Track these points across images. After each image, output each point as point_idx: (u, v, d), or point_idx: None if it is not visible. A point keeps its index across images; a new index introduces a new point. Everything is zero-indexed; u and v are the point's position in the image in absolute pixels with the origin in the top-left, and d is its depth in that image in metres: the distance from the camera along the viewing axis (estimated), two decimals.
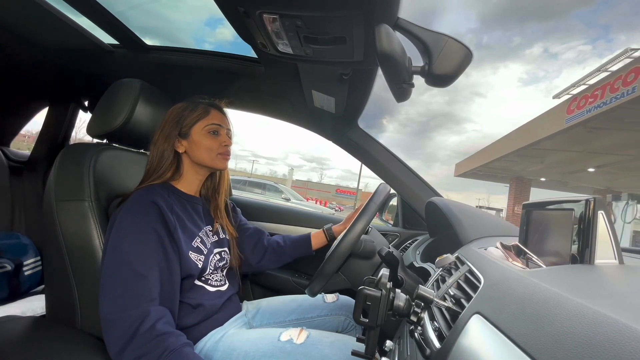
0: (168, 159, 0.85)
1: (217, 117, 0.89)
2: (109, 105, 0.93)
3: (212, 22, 59.77)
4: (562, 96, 7.17)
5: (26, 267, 1.23)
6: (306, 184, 55.07)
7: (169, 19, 1.42)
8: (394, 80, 0.57)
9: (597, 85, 5.84)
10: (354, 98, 0.99)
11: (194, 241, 0.82)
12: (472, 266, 0.55)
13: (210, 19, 51.92)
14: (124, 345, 0.64)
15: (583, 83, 6.59)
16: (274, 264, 1.10)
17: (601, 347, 0.24)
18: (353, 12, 0.54)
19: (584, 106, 5.96)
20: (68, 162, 0.85)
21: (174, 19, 1.53)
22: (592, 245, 0.41)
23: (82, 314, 0.81)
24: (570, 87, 6.95)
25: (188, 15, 1.73)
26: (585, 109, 5.90)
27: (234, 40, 0.94)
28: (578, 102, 6.23)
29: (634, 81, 4.83)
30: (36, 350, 0.72)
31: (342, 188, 55.58)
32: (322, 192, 49.64)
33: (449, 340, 0.40)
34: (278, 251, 1.09)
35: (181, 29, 1.47)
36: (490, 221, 0.94)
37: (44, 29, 1.03)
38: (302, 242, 1.11)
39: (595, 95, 5.76)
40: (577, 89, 6.70)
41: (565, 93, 7.04)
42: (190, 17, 1.76)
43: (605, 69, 6.05)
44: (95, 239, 0.80)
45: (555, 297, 0.33)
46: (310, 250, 1.11)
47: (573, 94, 6.62)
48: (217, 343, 0.78)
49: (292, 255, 1.11)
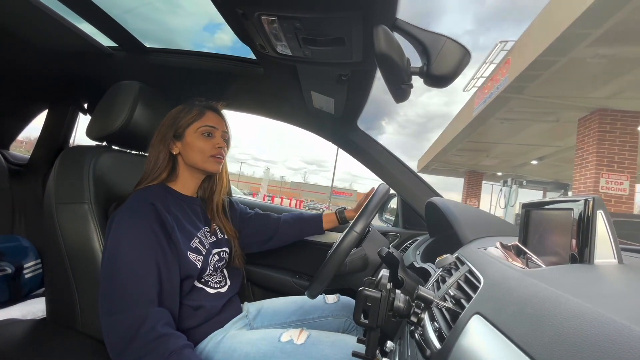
0: (164, 160, 0.86)
1: (211, 119, 0.89)
2: (108, 108, 0.93)
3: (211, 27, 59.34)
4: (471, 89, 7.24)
5: (26, 270, 1.23)
6: (281, 184, 55.80)
7: (168, 22, 1.43)
8: (393, 81, 0.57)
9: (490, 76, 5.96)
10: (353, 99, 0.99)
11: (193, 242, 0.82)
12: (472, 266, 0.55)
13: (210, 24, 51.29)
14: (124, 347, 0.64)
15: (481, 75, 6.66)
16: (283, 243, 1.15)
17: (601, 346, 0.24)
18: (351, 13, 0.54)
19: (482, 97, 6.04)
20: (68, 165, 0.85)
21: (174, 22, 1.54)
22: (592, 245, 0.41)
23: (82, 317, 0.81)
24: (472, 79, 7.03)
25: (187, 20, 1.74)
26: (482, 100, 5.97)
27: (232, 43, 0.94)
28: (479, 93, 6.32)
29: (506, 72, 4.94)
30: (37, 353, 0.72)
31: (337, 189, 56.25)
32: (317, 193, 50.40)
33: (449, 341, 0.40)
34: (288, 231, 1.14)
35: (181, 32, 1.48)
36: (490, 221, 0.94)
37: (43, 32, 1.03)
38: (313, 222, 1.16)
39: (488, 86, 5.86)
40: (480, 80, 6.78)
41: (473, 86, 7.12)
42: (189, 22, 1.77)
43: (491, 62, 6.12)
44: (95, 241, 0.80)
45: (555, 297, 0.33)
46: (321, 230, 1.17)
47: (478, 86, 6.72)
48: (218, 344, 0.79)
49: (301, 234, 1.16)
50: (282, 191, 50.99)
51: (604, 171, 4.83)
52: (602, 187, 4.84)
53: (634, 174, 4.78)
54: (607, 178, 4.83)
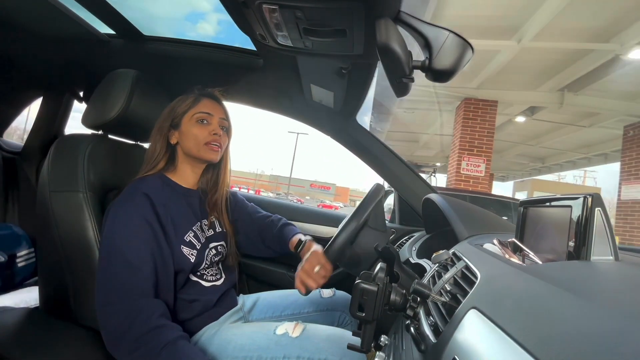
0: (162, 150, 0.85)
1: (207, 106, 0.87)
2: (105, 96, 0.91)
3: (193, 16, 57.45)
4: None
5: (19, 259, 1.22)
6: (256, 176, 56.30)
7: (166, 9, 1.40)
8: (394, 75, 0.56)
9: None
10: (352, 93, 0.98)
11: (187, 235, 0.81)
12: (468, 262, 0.55)
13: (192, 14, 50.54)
14: (119, 337, 0.64)
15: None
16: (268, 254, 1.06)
17: (596, 341, 0.24)
18: (354, 4, 0.53)
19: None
20: (62, 153, 0.84)
21: (171, 9, 1.51)
22: (589, 242, 0.41)
23: (76, 306, 0.80)
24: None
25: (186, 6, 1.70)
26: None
27: (215, 34, 0.92)
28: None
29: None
30: (30, 341, 0.71)
31: (316, 183, 56.56)
32: (296, 186, 51.22)
33: (445, 335, 0.40)
34: (273, 246, 1.04)
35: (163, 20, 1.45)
36: (487, 218, 0.95)
37: (39, 18, 1.01)
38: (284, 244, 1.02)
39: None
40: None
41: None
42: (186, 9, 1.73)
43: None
44: (89, 230, 0.79)
45: (551, 293, 0.33)
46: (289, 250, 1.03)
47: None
48: (213, 337, 0.78)
49: (277, 252, 1.05)
50: (257, 184, 51.44)
51: (465, 154, 5.48)
52: (463, 169, 5.47)
53: (490, 157, 5.52)
54: (467, 161, 5.49)
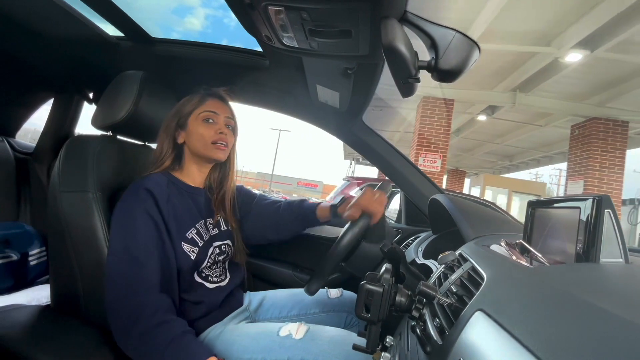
0: (168, 149, 0.86)
1: (213, 105, 0.88)
2: (113, 97, 0.93)
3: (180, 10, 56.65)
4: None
5: (32, 257, 1.24)
6: (242, 173, 56.38)
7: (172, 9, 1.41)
8: (400, 75, 0.56)
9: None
10: (358, 93, 0.98)
11: (189, 232, 0.82)
12: (475, 263, 0.55)
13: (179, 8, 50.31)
14: (127, 332, 0.65)
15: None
16: (282, 236, 1.06)
17: (605, 344, 0.23)
18: (360, 5, 0.53)
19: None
20: (72, 154, 0.86)
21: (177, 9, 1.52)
22: (598, 244, 0.40)
23: (86, 304, 0.82)
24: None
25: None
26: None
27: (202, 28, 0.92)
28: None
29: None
30: (41, 338, 0.73)
31: (303, 181, 56.35)
32: (284, 184, 51.20)
33: (450, 337, 0.40)
34: (287, 225, 1.04)
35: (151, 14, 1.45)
36: (494, 219, 0.94)
37: (49, 20, 1.03)
38: (308, 218, 1.03)
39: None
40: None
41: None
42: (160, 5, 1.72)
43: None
44: (99, 230, 0.80)
45: (559, 295, 0.33)
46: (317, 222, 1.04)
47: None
48: (217, 338, 0.79)
49: (298, 230, 1.05)
50: (243, 182, 51.54)
51: (422, 151, 5.78)
52: (420, 164, 5.57)
53: (446, 153, 5.81)
54: (424, 157, 5.78)
